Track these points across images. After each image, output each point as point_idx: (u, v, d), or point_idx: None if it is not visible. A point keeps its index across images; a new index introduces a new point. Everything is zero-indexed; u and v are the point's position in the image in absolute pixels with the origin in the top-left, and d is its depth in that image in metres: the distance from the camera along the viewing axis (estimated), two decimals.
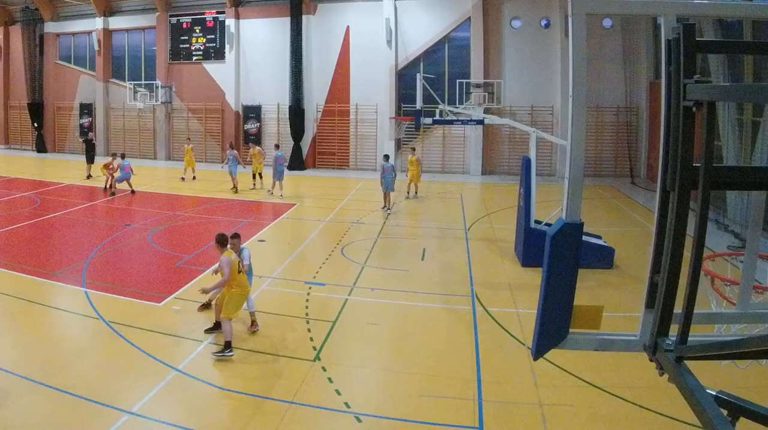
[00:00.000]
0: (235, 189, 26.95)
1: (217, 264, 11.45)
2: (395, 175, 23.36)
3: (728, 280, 7.24)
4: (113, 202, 24.96)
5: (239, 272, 10.93)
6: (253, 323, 11.75)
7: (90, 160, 31.13)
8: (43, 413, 8.75)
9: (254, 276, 13.56)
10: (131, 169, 25.81)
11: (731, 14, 4.05)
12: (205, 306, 12.66)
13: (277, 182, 25.66)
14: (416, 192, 25.86)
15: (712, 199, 3.77)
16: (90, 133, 36.07)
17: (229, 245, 11.16)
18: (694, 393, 3.14)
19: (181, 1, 37.76)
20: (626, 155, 29.91)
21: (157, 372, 10.03)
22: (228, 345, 10.55)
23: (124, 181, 25.72)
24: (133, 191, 25.72)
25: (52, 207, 23.26)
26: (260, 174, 27.57)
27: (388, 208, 22.78)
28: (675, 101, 3.38)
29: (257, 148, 28.24)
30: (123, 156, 26.53)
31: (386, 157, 23.81)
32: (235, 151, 27.73)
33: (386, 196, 22.89)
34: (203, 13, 36.98)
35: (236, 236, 11.87)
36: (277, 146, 27.28)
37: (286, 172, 27.63)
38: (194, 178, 30.06)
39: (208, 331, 11.39)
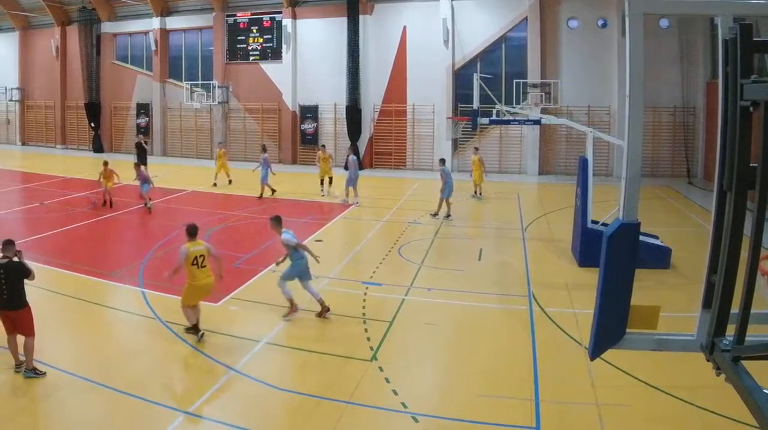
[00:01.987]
0: (261, 197, 27.69)
1: (283, 256, 13.61)
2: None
3: None
4: (170, 202, 27.12)
5: (192, 264, 11.77)
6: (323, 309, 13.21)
7: (142, 162, 31.23)
8: (100, 412, 9.46)
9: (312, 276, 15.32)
10: (149, 179, 24.94)
11: None
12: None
13: (350, 188, 26.07)
14: (480, 192, 27.97)
15: None
16: (140, 136, 38.94)
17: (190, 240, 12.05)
18: (751, 393, 3.27)
19: (238, 1, 41.42)
20: (683, 155, 32.41)
21: (213, 372, 10.79)
22: (194, 328, 11.91)
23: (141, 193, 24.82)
24: (149, 208, 24.74)
25: (109, 207, 24.80)
26: (330, 179, 28.38)
27: (449, 216, 23.31)
28: (732, 101, 3.54)
29: (326, 150, 29.19)
30: (138, 166, 25.90)
31: (443, 161, 25.33)
32: (267, 155, 28.43)
33: (446, 203, 23.40)
34: (260, 13, 40.52)
35: (276, 218, 13.72)
36: (351, 150, 28.78)
37: (343, 171, 28.97)
38: (230, 182, 31.04)
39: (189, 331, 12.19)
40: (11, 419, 9.13)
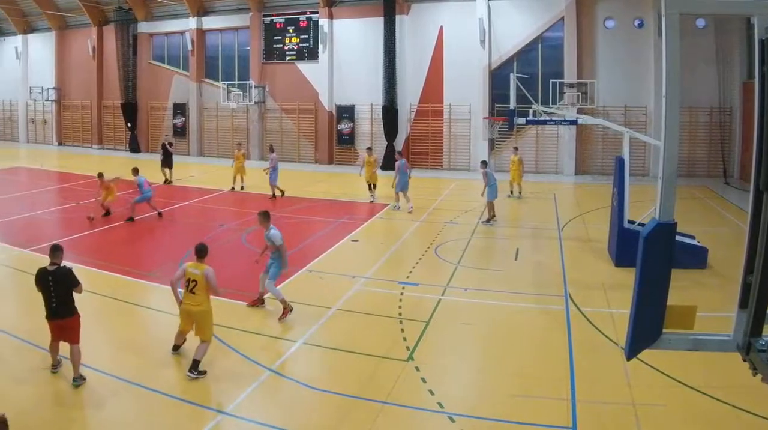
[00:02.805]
0: (274, 197, 28.26)
1: (262, 251, 14.25)
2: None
3: None
4: (206, 202, 27.97)
5: (186, 285, 11.15)
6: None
7: (166, 165, 32.97)
8: (138, 413, 9.75)
9: (347, 276, 16.39)
10: (149, 186, 24.33)
11: None
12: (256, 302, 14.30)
13: (400, 194, 25.68)
14: (520, 192, 28.96)
15: None
16: (166, 136, 39.99)
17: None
18: None
19: (274, 1, 43.33)
20: (719, 155, 33.58)
21: (250, 372, 11.04)
22: (175, 347, 11.69)
23: (144, 203, 23.96)
24: (160, 214, 24.40)
25: (146, 207, 24.75)
26: (374, 184, 27.76)
27: (492, 218, 23.50)
28: None
29: (372, 154, 28.46)
30: (136, 171, 24.66)
31: (485, 163, 24.64)
32: (275, 155, 29.17)
33: (490, 205, 23.53)
34: (296, 13, 42.37)
35: (264, 212, 14.04)
36: (400, 153, 28.82)
37: (379, 171, 29.15)
38: (243, 188, 30.82)
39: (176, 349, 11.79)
40: (49, 420, 9.46)
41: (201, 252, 11.44)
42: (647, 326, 4.57)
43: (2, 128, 58.47)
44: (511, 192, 29.09)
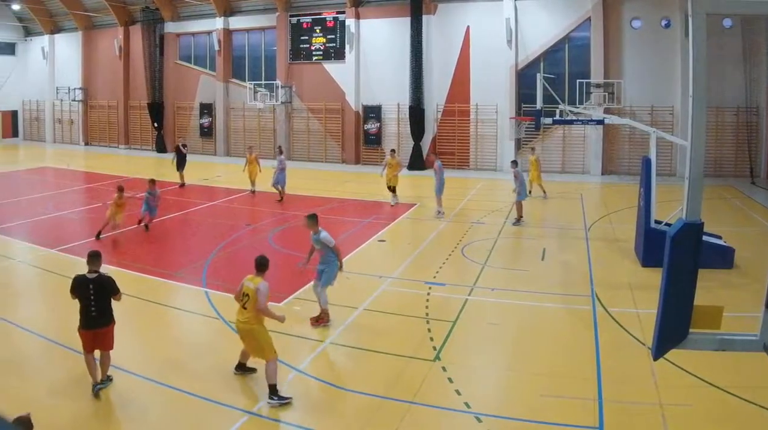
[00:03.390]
0: (282, 200, 28.25)
1: (308, 256, 13.99)
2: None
3: None
4: (233, 202, 28.52)
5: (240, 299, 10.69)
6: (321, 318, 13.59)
7: (179, 167, 32.32)
8: (163, 413, 10.03)
9: (374, 276, 16.83)
10: (155, 201, 22.89)
11: None
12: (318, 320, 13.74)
13: (440, 197, 25.53)
14: (544, 191, 29.44)
15: None
16: (179, 139, 39.14)
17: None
18: None
19: (301, 1, 44.60)
20: (746, 155, 34.34)
21: (278, 372, 10.80)
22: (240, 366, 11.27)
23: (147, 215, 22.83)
24: (147, 226, 22.93)
25: (173, 207, 25.65)
26: (394, 188, 27.39)
27: (520, 219, 23.99)
28: None
29: (396, 156, 28.36)
30: (153, 182, 23.08)
31: (515, 163, 25.35)
32: (282, 157, 29.11)
33: (519, 205, 24.02)
34: (323, 13, 43.61)
35: (313, 215, 13.57)
36: (436, 155, 28.63)
37: (406, 171, 29.61)
38: (253, 192, 30.17)
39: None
40: (76, 421, 9.71)
41: (261, 265, 10.80)
42: (674, 326, 4.67)
43: (29, 128, 60.34)
44: (529, 192, 28.85)
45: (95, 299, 10.16)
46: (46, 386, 10.71)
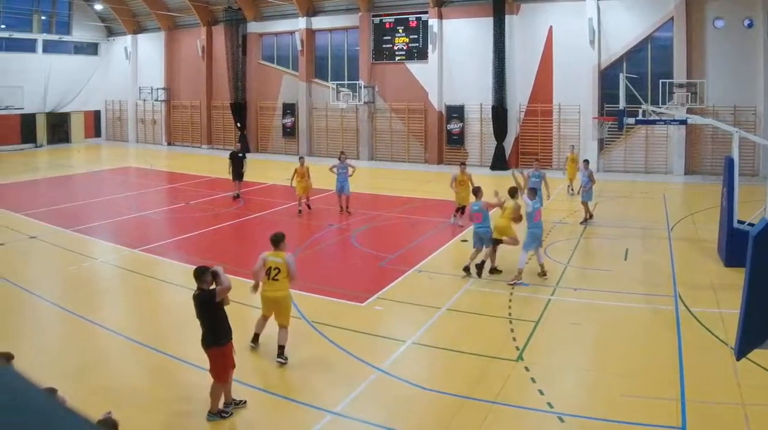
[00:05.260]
0: (347, 211, 27.45)
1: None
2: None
3: None
4: (315, 202, 28.84)
5: (266, 274, 12.66)
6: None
7: (237, 176, 31.08)
8: (246, 412, 10.50)
9: (456, 276, 17.77)
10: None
11: None
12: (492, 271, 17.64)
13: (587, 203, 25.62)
14: (572, 190, 30.85)
15: None
16: (237, 144, 38.14)
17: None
18: None
19: (383, 1, 47.81)
20: None
21: (360, 372, 11.77)
22: (254, 338, 13.07)
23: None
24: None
25: (256, 207, 27.10)
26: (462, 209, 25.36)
27: (590, 218, 25.23)
28: None
29: (466, 170, 26.04)
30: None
31: (587, 162, 27.34)
32: (349, 162, 28.28)
33: (587, 205, 25.21)
34: (406, 13, 46.65)
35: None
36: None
37: (487, 172, 30.78)
38: (309, 207, 28.27)
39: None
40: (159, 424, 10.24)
41: (278, 241, 12.91)
42: (757, 327, 4.79)
43: (112, 128, 65.18)
44: (570, 189, 31.70)
45: (198, 317, 10.52)
46: (129, 386, 11.43)
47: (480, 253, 18.23)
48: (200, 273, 10.48)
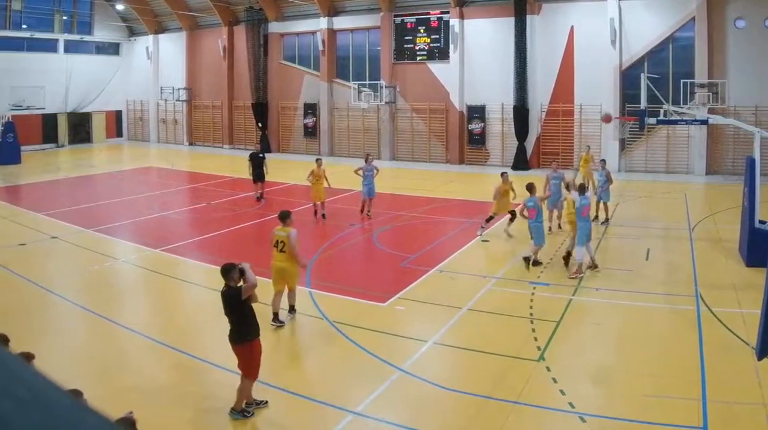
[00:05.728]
0: (368, 214, 27.15)
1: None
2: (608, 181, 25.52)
3: None
4: (336, 202, 29.26)
5: (275, 246, 14.66)
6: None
7: (258, 177, 30.75)
8: (267, 412, 10.66)
9: (478, 276, 18.03)
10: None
11: None
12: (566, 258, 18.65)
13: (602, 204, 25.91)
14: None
15: None
16: (257, 145, 38.15)
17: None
18: None
19: (405, 1, 48.60)
20: None
21: (381, 372, 11.92)
22: (275, 317, 14.47)
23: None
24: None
25: (277, 207, 25.14)
26: (512, 215, 23.71)
27: (608, 220, 25.64)
28: None
29: (508, 179, 24.35)
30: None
31: (604, 161, 27.66)
32: (372, 164, 27.47)
33: (605, 206, 25.66)
34: (427, 13, 47.46)
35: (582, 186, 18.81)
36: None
37: (509, 171, 28.06)
38: (324, 216, 27.01)
39: None
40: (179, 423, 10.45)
41: (284, 217, 14.83)
42: None
43: (133, 128, 66.38)
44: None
45: (226, 314, 10.78)
46: (152, 385, 11.64)
47: (537, 248, 19.28)
48: (227, 270, 10.70)
